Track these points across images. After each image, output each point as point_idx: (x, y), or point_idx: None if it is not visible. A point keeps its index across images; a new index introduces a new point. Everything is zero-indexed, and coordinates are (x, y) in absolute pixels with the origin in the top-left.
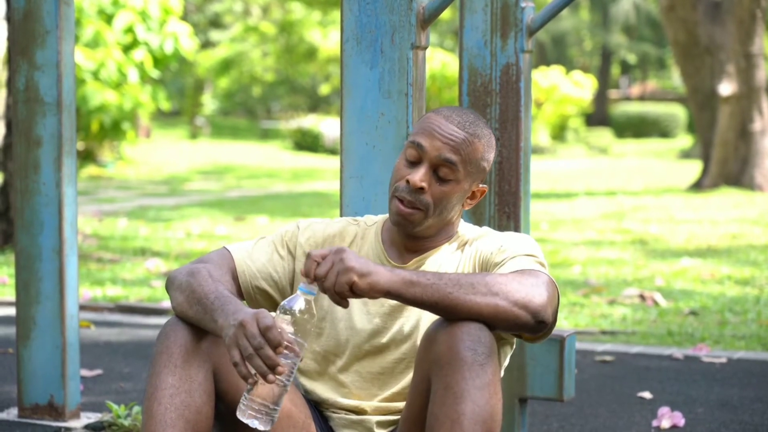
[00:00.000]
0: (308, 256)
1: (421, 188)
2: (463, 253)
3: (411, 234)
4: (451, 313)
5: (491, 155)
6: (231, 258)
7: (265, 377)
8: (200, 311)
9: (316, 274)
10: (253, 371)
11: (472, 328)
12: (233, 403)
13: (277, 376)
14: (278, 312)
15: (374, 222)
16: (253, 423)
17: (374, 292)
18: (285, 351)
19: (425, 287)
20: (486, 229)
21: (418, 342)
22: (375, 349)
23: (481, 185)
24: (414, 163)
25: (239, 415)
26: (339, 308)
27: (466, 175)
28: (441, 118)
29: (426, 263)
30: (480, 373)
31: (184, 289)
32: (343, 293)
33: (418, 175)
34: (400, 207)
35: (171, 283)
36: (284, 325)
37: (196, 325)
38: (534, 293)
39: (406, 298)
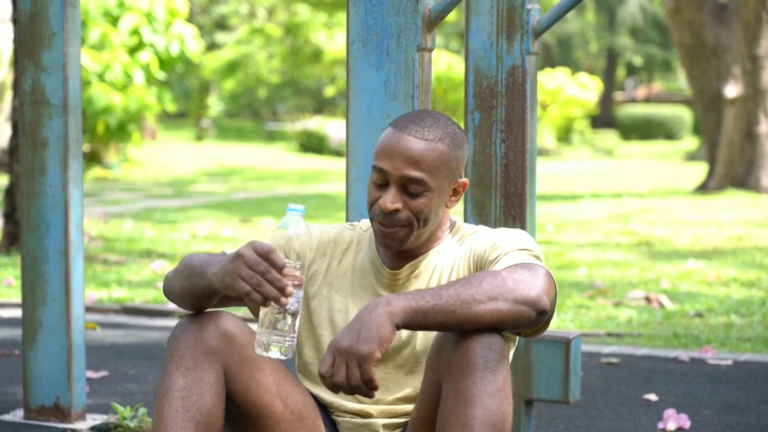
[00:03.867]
0: (320, 375)
1: (395, 210)
2: (457, 252)
3: (403, 249)
4: (456, 329)
5: (461, 151)
6: None
7: (277, 301)
8: (192, 277)
9: (337, 384)
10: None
11: (483, 334)
12: (244, 403)
13: (290, 299)
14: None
15: (369, 227)
16: (275, 354)
17: (390, 343)
18: (289, 273)
19: (426, 312)
20: (479, 226)
21: (418, 347)
22: None
23: (460, 180)
24: (382, 185)
25: (258, 351)
26: (338, 316)
27: (439, 182)
28: (397, 133)
29: (420, 267)
30: (491, 379)
31: (177, 271)
32: (372, 381)
33: (389, 198)
34: (383, 229)
35: (168, 278)
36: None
37: (194, 299)
38: (530, 285)
39: (414, 327)
